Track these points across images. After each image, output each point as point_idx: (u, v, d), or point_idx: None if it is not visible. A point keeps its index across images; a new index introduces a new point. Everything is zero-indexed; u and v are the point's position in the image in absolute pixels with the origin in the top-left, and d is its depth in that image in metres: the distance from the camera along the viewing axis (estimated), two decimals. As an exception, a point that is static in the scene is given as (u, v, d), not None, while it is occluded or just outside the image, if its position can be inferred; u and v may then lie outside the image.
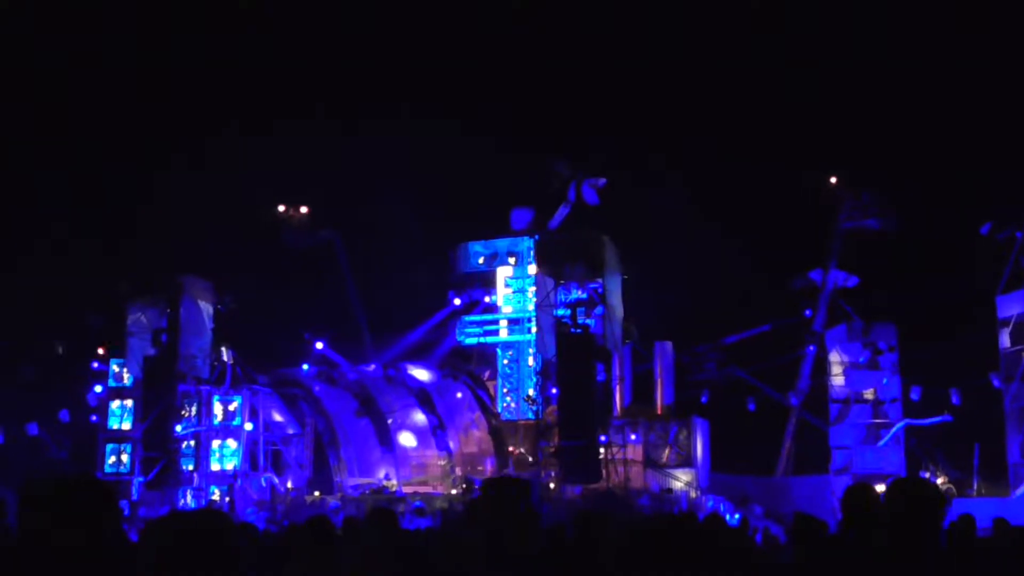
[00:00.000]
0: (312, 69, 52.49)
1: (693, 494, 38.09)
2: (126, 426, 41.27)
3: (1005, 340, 37.84)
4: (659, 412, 41.49)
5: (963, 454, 38.46)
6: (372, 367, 43.65)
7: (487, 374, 44.98)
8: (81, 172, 48.57)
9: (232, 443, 41.14)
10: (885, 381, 39.81)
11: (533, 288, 42.83)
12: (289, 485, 41.93)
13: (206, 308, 42.10)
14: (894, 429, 39.43)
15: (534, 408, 41.12)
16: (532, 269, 42.98)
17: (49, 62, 50.18)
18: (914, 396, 39.43)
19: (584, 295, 39.30)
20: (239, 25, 51.05)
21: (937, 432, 39.27)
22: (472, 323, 45.07)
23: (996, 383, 37.77)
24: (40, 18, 49.70)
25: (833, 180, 41.98)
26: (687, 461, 39.78)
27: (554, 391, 38.70)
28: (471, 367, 44.52)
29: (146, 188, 47.81)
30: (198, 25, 51.18)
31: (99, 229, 46.54)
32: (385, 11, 52.26)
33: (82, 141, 49.33)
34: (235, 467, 40.65)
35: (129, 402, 41.40)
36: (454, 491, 38.56)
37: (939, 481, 38.56)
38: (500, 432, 42.48)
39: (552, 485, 37.57)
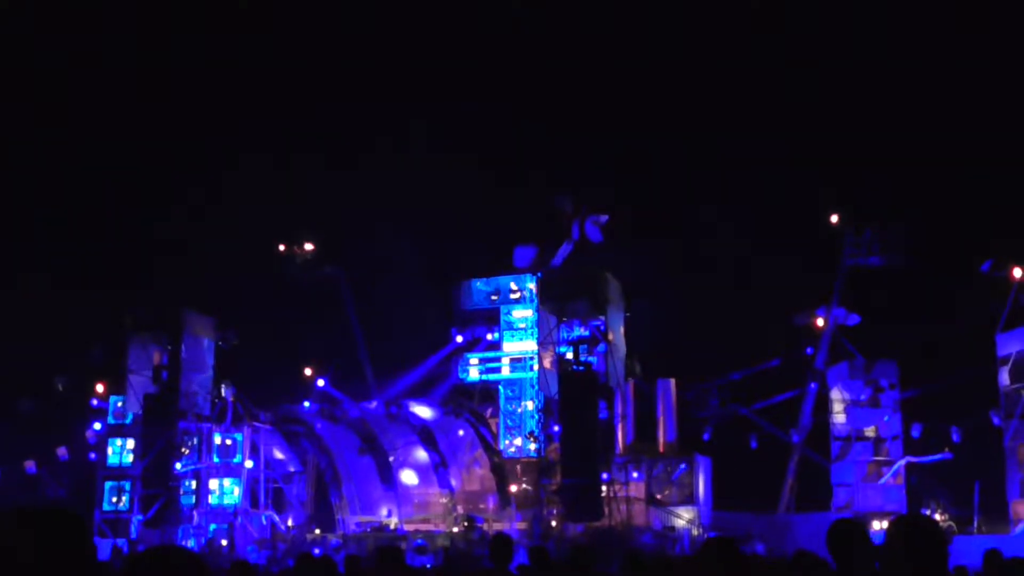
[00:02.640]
0: (316, 105, 52.81)
1: (695, 532, 37.99)
2: (126, 463, 40.98)
3: (1004, 378, 37.97)
4: (661, 449, 41.48)
5: (963, 491, 38.47)
6: (374, 404, 43.62)
7: (489, 411, 44.96)
8: (84, 206, 48.66)
9: (232, 481, 40.98)
10: (886, 419, 39.92)
11: (535, 325, 42.99)
12: (290, 523, 41.74)
13: (208, 344, 42.08)
14: (895, 466, 39.50)
15: (536, 446, 41.11)
16: (535, 306, 43.12)
17: (52, 91, 50.34)
18: (915, 433, 39.50)
19: (587, 332, 39.41)
20: (244, 59, 51.40)
21: (938, 469, 39.31)
22: (475, 360, 45.15)
23: (996, 421, 37.87)
24: (43, 53, 49.94)
25: (835, 219, 42.20)
26: (689, 498, 39.73)
27: (556, 429, 38.69)
28: (473, 404, 44.47)
29: (149, 224, 47.94)
30: (207, 59, 51.50)
31: (100, 264, 46.58)
32: (390, 46, 52.62)
33: (86, 174, 49.48)
34: (235, 505, 40.46)
35: (129, 440, 41.13)
36: (456, 529, 38.40)
37: (939, 518, 38.59)
38: (502, 469, 42.38)
39: (554, 523, 37.49)
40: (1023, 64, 45.23)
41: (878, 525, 38.09)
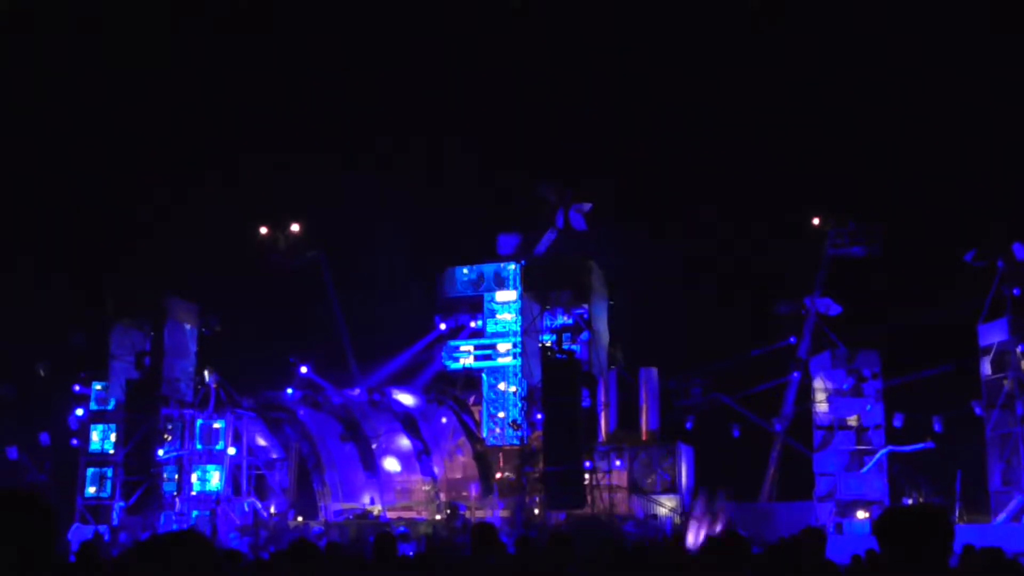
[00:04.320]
0: (302, 93, 52.64)
1: (677, 520, 38.07)
2: (108, 450, 40.80)
3: (986, 368, 38.05)
4: (644, 438, 41.53)
5: (945, 481, 38.59)
6: (357, 391, 43.51)
7: (472, 399, 44.91)
8: (68, 194, 48.39)
9: (215, 467, 40.89)
10: (868, 408, 39.97)
11: (518, 313, 42.97)
12: (272, 510, 41.70)
13: (191, 331, 41.89)
14: (877, 456, 39.58)
15: (519, 433, 41.12)
16: (518, 294, 43.07)
17: (50, 87, 49.98)
18: (897, 423, 39.59)
19: (570, 320, 39.40)
20: (235, 56, 51.11)
21: (920, 459, 39.42)
22: (458, 348, 45.07)
23: (978, 411, 37.96)
24: (44, 44, 49.55)
25: (816, 221, 42.26)
26: (672, 487, 39.80)
27: (539, 416, 38.68)
28: (456, 392, 44.42)
29: (133, 211, 47.71)
30: (195, 52, 51.18)
31: (84, 250, 46.36)
32: (380, 32, 52.40)
33: (72, 164, 49.21)
34: (218, 491, 40.39)
35: (111, 425, 40.95)
36: (438, 516, 38.42)
37: (921, 508, 38.60)
38: (485, 457, 42.37)
39: (537, 511, 37.50)
40: (1016, 65, 45.27)
41: (861, 514, 38.40)
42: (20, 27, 46.07)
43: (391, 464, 43.49)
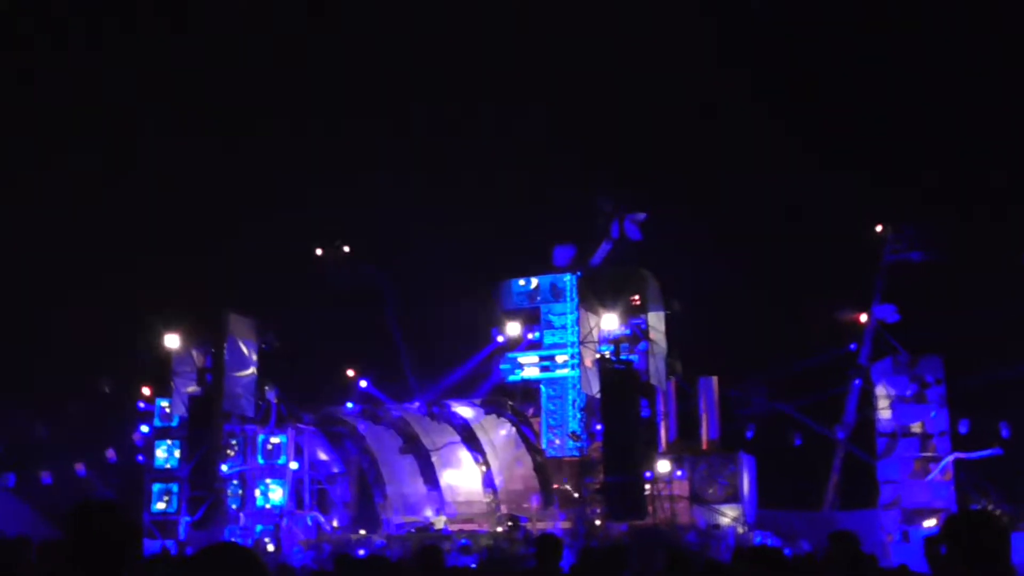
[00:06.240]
0: (355, 105, 52.97)
1: (740, 530, 37.77)
2: (173, 465, 41.31)
3: (1054, 371, 37.39)
4: (705, 447, 41.28)
5: (1015, 487, 37.92)
6: (416, 404, 43.69)
7: (531, 411, 44.91)
8: (127, 211, 49.03)
9: (277, 482, 41.28)
10: (933, 414, 39.38)
11: (575, 324, 43.00)
12: (335, 524, 42.00)
13: (250, 346, 42.32)
14: (943, 463, 38.98)
15: (579, 444, 41.02)
16: (575, 305, 43.11)
17: (112, 93, 50.58)
18: (962, 429, 38.94)
19: (627, 331, 39.24)
20: (285, 57, 51.56)
21: (987, 465, 38.78)
22: (515, 360, 45.20)
23: (1045, 414, 37.30)
24: (102, 46, 50.16)
25: (879, 228, 41.85)
26: (734, 496, 39.43)
27: (599, 427, 38.56)
28: (515, 404, 44.42)
29: (191, 226, 48.29)
30: (252, 62, 51.60)
31: (145, 267, 46.97)
32: (426, 45, 52.61)
33: (131, 180, 49.85)
34: (281, 506, 40.76)
35: (175, 442, 41.45)
36: (500, 529, 38.42)
37: (989, 515, 37.88)
38: (545, 469, 42.29)
39: (598, 522, 37.38)
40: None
41: (927, 523, 37.82)
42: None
43: (451, 477, 43.59)
